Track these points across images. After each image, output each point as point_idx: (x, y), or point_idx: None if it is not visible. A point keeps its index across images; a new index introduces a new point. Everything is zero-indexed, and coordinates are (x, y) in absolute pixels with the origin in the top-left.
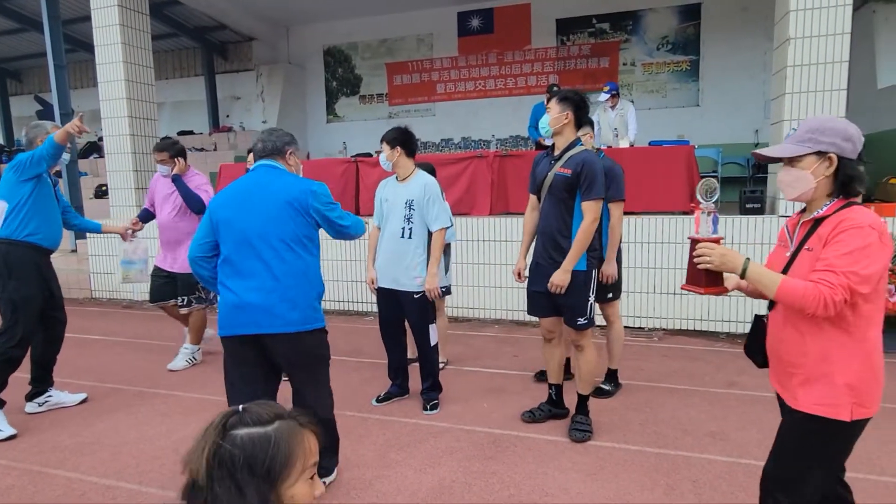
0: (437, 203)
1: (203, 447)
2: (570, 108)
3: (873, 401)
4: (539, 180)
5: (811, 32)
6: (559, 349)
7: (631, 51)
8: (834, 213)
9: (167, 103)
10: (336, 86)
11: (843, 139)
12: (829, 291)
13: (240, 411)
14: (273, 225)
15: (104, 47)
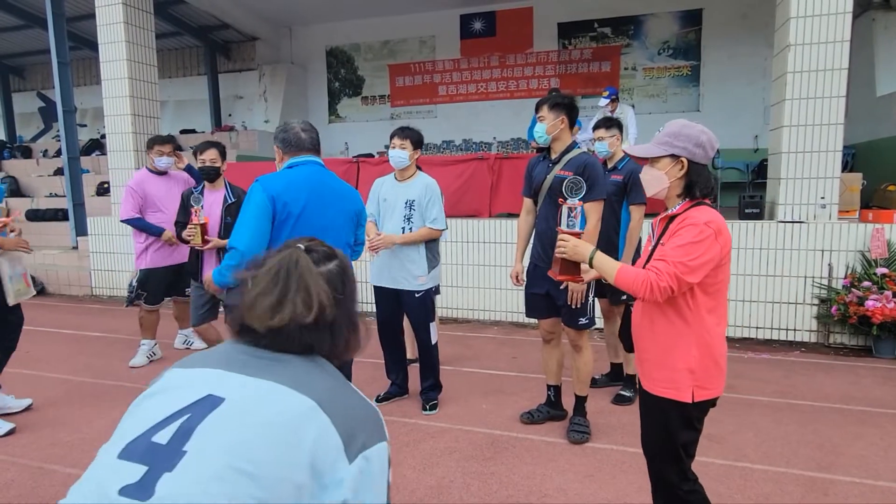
0: (438, 205)
1: (310, 283)
2: (564, 113)
3: (714, 384)
4: (536, 183)
5: (811, 39)
6: (558, 350)
7: (632, 55)
8: (684, 212)
9: (170, 102)
10: (338, 86)
11: (694, 145)
12: (655, 277)
13: (303, 248)
14: (343, 228)
15: (108, 45)
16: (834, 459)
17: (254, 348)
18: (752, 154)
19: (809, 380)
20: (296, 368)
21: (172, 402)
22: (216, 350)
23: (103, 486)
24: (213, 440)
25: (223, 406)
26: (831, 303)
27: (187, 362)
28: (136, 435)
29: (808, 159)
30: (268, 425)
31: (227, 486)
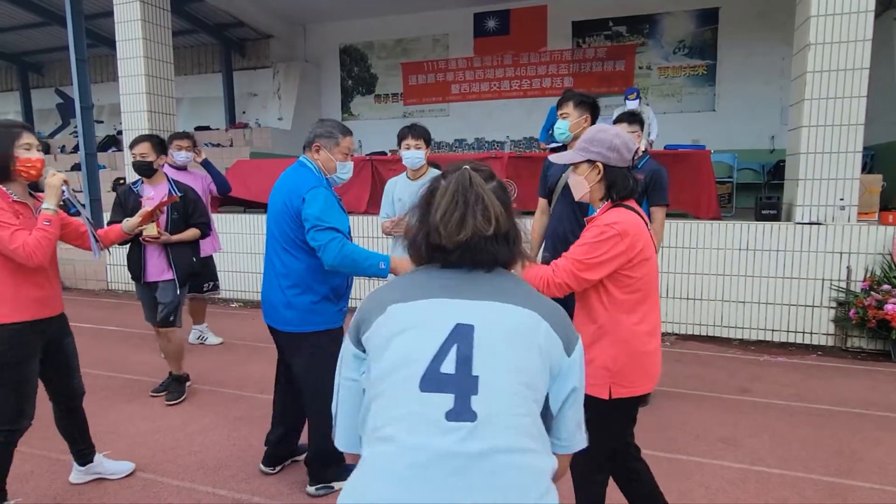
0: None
1: (485, 198)
2: (588, 112)
3: (636, 383)
4: (551, 183)
5: (831, 38)
6: None
7: (647, 54)
8: (601, 215)
9: (185, 99)
10: (351, 84)
11: (607, 149)
12: (551, 274)
13: (469, 168)
14: (276, 224)
15: (125, 42)
16: (853, 465)
17: (447, 270)
18: (769, 154)
19: (827, 384)
20: (500, 285)
21: (429, 335)
22: (416, 280)
23: (428, 415)
24: (492, 362)
25: (477, 332)
26: (849, 306)
27: (400, 295)
28: (422, 370)
29: (827, 160)
30: (517, 340)
31: (520, 398)
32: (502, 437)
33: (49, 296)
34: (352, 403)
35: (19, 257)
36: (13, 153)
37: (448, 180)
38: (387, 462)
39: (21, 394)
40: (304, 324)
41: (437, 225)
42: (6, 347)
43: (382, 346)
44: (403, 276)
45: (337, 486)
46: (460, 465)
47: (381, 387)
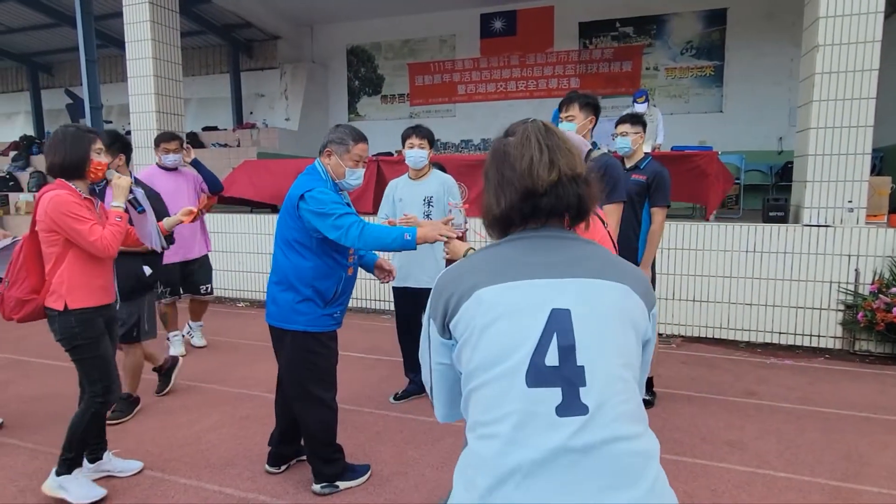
0: (458, 198)
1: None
2: (593, 113)
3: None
4: None
5: (840, 40)
6: None
7: (654, 55)
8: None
9: (193, 99)
10: (358, 85)
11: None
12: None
13: (532, 121)
14: (279, 221)
15: (134, 43)
16: (860, 469)
17: (529, 240)
18: (777, 156)
19: (834, 387)
20: (585, 256)
21: (526, 325)
22: (499, 257)
23: (538, 411)
24: (594, 350)
25: (575, 318)
26: (858, 309)
27: (485, 277)
28: (526, 364)
29: (835, 162)
30: (613, 321)
31: (623, 382)
32: (613, 427)
33: (110, 284)
34: (447, 384)
35: (96, 249)
36: (89, 156)
37: (521, 133)
38: (498, 460)
39: (104, 366)
40: (285, 321)
41: (526, 170)
42: (80, 329)
43: (475, 336)
44: (484, 252)
45: (342, 485)
46: (574, 460)
47: (482, 379)
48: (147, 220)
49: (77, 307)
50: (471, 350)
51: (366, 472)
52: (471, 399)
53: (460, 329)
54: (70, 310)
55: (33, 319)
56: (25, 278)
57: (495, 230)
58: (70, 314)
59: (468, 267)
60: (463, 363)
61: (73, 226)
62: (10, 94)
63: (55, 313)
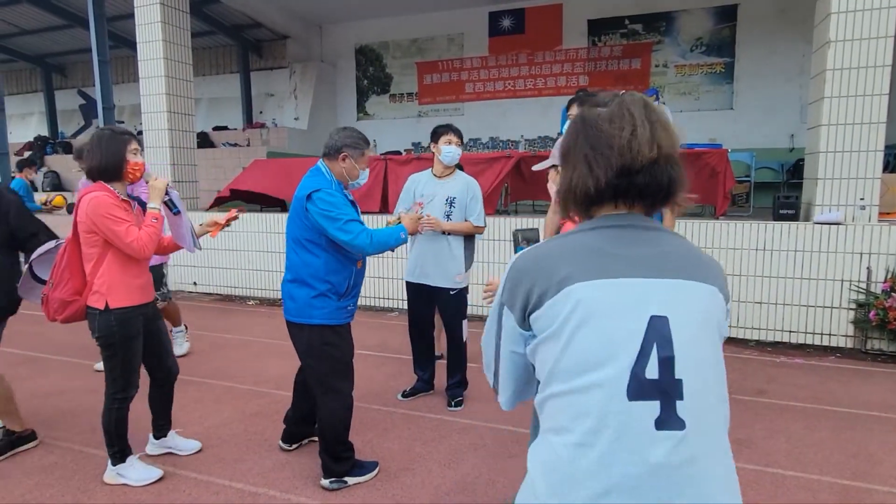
0: (480, 203)
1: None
2: None
3: None
4: None
5: (852, 35)
6: None
7: (664, 52)
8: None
9: (203, 99)
10: (367, 84)
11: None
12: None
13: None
14: (290, 222)
15: (146, 44)
16: (870, 469)
17: (616, 229)
18: (788, 153)
19: (846, 386)
20: (675, 251)
21: (624, 331)
22: (587, 246)
23: (637, 425)
24: (692, 363)
25: (673, 327)
26: (869, 307)
27: (576, 269)
28: (627, 375)
29: (847, 159)
30: (707, 329)
31: (717, 396)
32: (708, 442)
33: (147, 283)
34: (516, 373)
35: (133, 251)
36: (126, 157)
37: (617, 105)
38: (597, 474)
39: (128, 368)
40: (301, 315)
41: (626, 145)
42: (117, 328)
43: (564, 335)
44: (568, 239)
45: (351, 481)
46: (669, 475)
47: (573, 384)
48: (182, 221)
49: (117, 306)
50: (558, 349)
51: (374, 469)
52: (557, 401)
53: (543, 323)
54: (111, 309)
55: (76, 320)
56: (69, 280)
57: (578, 209)
58: (110, 313)
59: (552, 254)
60: (544, 359)
61: (111, 227)
62: (25, 94)
63: (96, 312)
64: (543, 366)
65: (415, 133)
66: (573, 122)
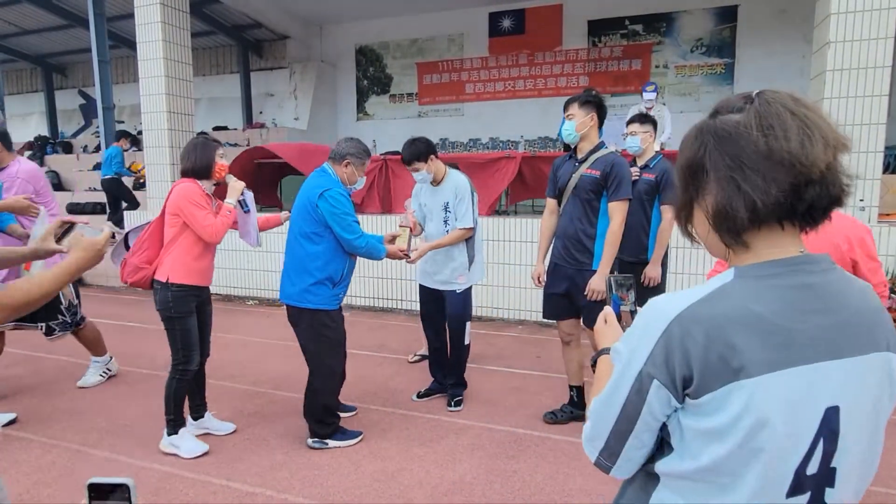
0: (465, 203)
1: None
2: (594, 110)
3: None
4: (562, 183)
5: (852, 36)
6: (577, 351)
7: (664, 53)
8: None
9: (203, 99)
10: (367, 84)
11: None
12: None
13: (773, 91)
14: (296, 217)
15: (146, 44)
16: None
17: (798, 270)
18: None
19: None
20: (855, 310)
21: (799, 432)
22: (769, 313)
23: None
24: (852, 451)
25: (843, 416)
26: None
27: (758, 358)
28: (790, 476)
29: (847, 160)
30: (877, 408)
31: (866, 481)
32: None
33: (208, 269)
34: (644, 440)
35: (207, 234)
36: (215, 160)
37: (765, 105)
38: None
39: (186, 342)
40: (300, 301)
41: (794, 153)
42: (174, 303)
43: (730, 436)
44: (736, 300)
45: (332, 444)
46: None
47: (729, 478)
48: (251, 219)
49: (175, 282)
50: (723, 448)
51: (355, 437)
52: (704, 484)
53: (703, 410)
54: (170, 283)
55: (142, 287)
56: (146, 250)
57: (727, 238)
58: (168, 288)
59: (721, 326)
60: (697, 447)
61: (193, 211)
62: (25, 94)
63: (159, 285)
64: (682, 446)
65: (414, 133)
66: (696, 135)
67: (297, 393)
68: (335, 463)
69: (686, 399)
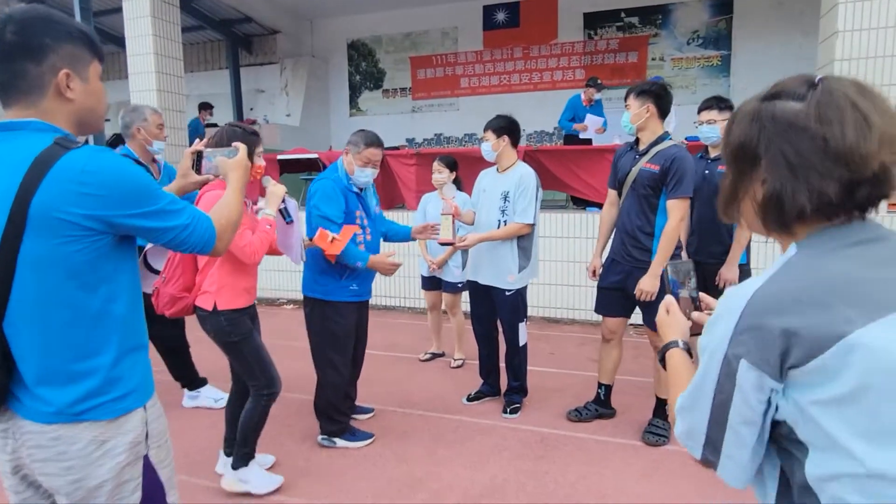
0: (527, 197)
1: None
2: (651, 101)
3: None
4: (622, 175)
5: (861, 25)
6: (617, 350)
7: (660, 45)
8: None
9: (193, 96)
10: (359, 79)
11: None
12: None
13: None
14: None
15: (135, 39)
16: None
17: (861, 240)
18: None
19: None
20: None
21: None
22: (845, 274)
23: None
24: None
25: None
26: None
27: (853, 311)
28: None
29: None
30: None
31: None
32: None
33: (253, 287)
34: (754, 442)
35: (244, 255)
36: (253, 158)
37: (827, 95)
38: None
39: (263, 361)
40: (307, 289)
41: (852, 148)
42: (231, 328)
43: (858, 400)
44: (816, 267)
45: (339, 443)
46: None
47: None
48: (293, 231)
49: (225, 308)
50: (851, 417)
51: (365, 439)
52: (857, 483)
53: (815, 379)
54: (219, 311)
55: (184, 314)
56: (180, 276)
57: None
58: (219, 314)
59: (811, 290)
60: (822, 425)
61: None
62: None
63: (205, 313)
64: (816, 432)
65: (409, 129)
66: (751, 118)
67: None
68: (360, 467)
69: (791, 373)
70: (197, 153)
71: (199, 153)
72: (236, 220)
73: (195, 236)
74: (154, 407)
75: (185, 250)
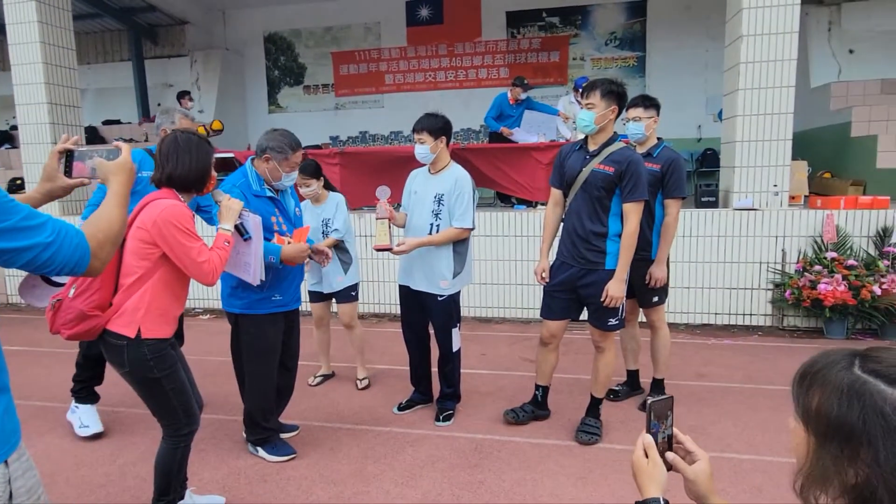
0: (466, 201)
1: None
2: (615, 102)
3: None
4: (570, 175)
5: (762, 30)
6: (555, 354)
7: (580, 45)
8: None
9: (90, 90)
10: (278, 75)
11: None
12: None
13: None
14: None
15: (17, 25)
16: None
17: None
18: (696, 143)
19: (772, 364)
20: None
21: None
22: None
23: None
24: None
25: None
26: (785, 287)
27: None
28: None
29: (760, 147)
30: None
31: None
32: None
33: (178, 315)
34: None
35: (202, 273)
36: (212, 169)
37: None
38: None
39: (185, 399)
40: (227, 304)
41: None
42: (154, 362)
43: None
44: None
45: (261, 452)
46: None
47: None
48: (250, 249)
49: (150, 337)
50: None
51: (287, 454)
52: None
53: None
54: (143, 339)
55: (84, 339)
56: (98, 290)
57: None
58: (143, 344)
59: None
60: None
61: (183, 241)
62: None
63: (124, 341)
64: None
65: (332, 126)
66: (853, 396)
67: (226, 415)
68: (284, 492)
69: None
70: (67, 152)
71: (70, 152)
72: (118, 233)
73: (61, 256)
74: (19, 461)
75: (50, 273)
